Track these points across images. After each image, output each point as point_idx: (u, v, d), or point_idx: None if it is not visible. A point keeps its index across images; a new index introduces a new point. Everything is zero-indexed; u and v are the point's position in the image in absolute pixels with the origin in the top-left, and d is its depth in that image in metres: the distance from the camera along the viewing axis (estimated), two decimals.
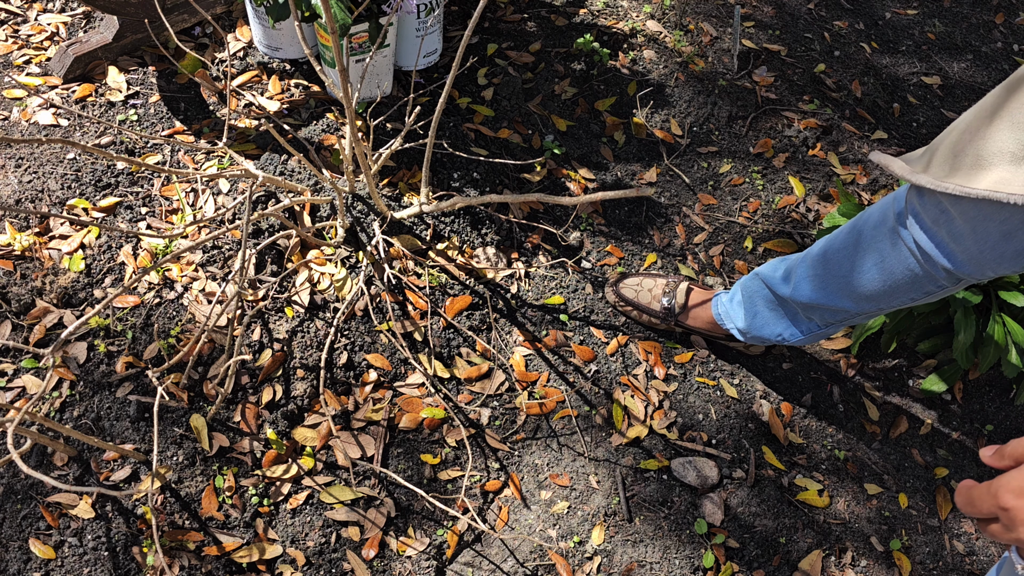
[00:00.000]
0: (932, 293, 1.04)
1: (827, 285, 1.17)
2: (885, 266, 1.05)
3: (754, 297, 1.35)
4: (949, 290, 1.03)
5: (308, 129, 1.64)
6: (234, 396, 1.33)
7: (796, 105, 1.95)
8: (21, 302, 1.35)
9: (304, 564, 1.24)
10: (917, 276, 1.02)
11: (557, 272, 1.59)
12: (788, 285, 1.25)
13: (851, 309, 1.16)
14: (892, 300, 1.09)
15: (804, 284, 1.21)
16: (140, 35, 1.68)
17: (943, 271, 0.98)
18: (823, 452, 1.49)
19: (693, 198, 1.76)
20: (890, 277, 1.06)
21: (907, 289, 1.05)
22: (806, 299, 1.21)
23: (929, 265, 0.99)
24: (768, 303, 1.32)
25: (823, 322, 1.25)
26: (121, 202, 1.50)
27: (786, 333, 1.31)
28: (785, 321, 1.31)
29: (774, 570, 1.35)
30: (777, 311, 1.31)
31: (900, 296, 1.07)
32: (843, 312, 1.18)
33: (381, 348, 1.43)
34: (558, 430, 1.42)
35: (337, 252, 1.48)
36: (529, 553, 1.30)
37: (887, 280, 1.06)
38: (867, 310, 1.15)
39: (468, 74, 1.80)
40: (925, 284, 1.03)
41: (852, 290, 1.12)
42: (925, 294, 1.05)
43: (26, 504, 1.21)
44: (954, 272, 0.97)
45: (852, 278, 1.11)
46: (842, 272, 1.13)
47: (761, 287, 1.33)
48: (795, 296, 1.24)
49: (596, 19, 1.99)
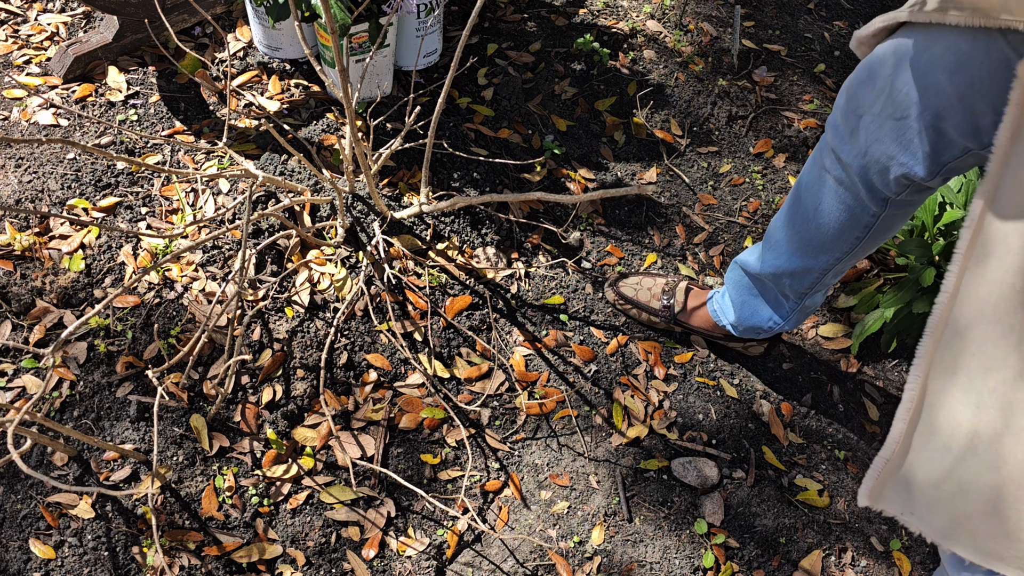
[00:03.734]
0: (871, 226, 1.07)
1: (787, 248, 1.21)
2: (823, 207, 1.09)
3: (738, 286, 1.38)
4: (884, 219, 1.05)
5: (308, 129, 1.64)
6: (234, 396, 1.33)
7: (796, 105, 1.95)
8: (21, 302, 1.35)
9: (304, 564, 1.24)
10: (850, 207, 1.06)
11: (557, 272, 1.59)
12: (759, 261, 1.29)
13: (813, 266, 1.19)
14: (842, 243, 1.12)
15: (769, 255, 1.26)
16: (140, 35, 1.68)
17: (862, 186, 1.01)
18: (823, 452, 1.49)
19: (693, 198, 1.76)
20: (830, 217, 1.09)
21: (849, 225, 1.08)
22: (774, 268, 1.25)
23: (849, 180, 1.03)
24: (749, 289, 1.36)
25: (796, 293, 1.27)
26: (121, 202, 1.50)
27: (775, 316, 1.34)
28: (769, 306, 1.34)
29: (774, 570, 1.35)
30: (759, 297, 1.35)
31: (846, 236, 1.10)
32: (808, 272, 1.21)
33: (381, 348, 1.43)
34: (558, 430, 1.42)
35: (337, 252, 1.48)
36: (529, 553, 1.30)
37: (828, 221, 1.10)
38: (828, 263, 1.17)
39: (468, 74, 1.80)
40: (860, 214, 1.06)
41: (807, 244, 1.16)
42: (865, 228, 1.08)
43: (26, 504, 1.21)
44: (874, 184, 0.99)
45: (803, 231, 1.16)
46: (794, 229, 1.17)
47: (741, 274, 1.37)
48: (765, 269, 1.27)
49: (596, 19, 1.99)
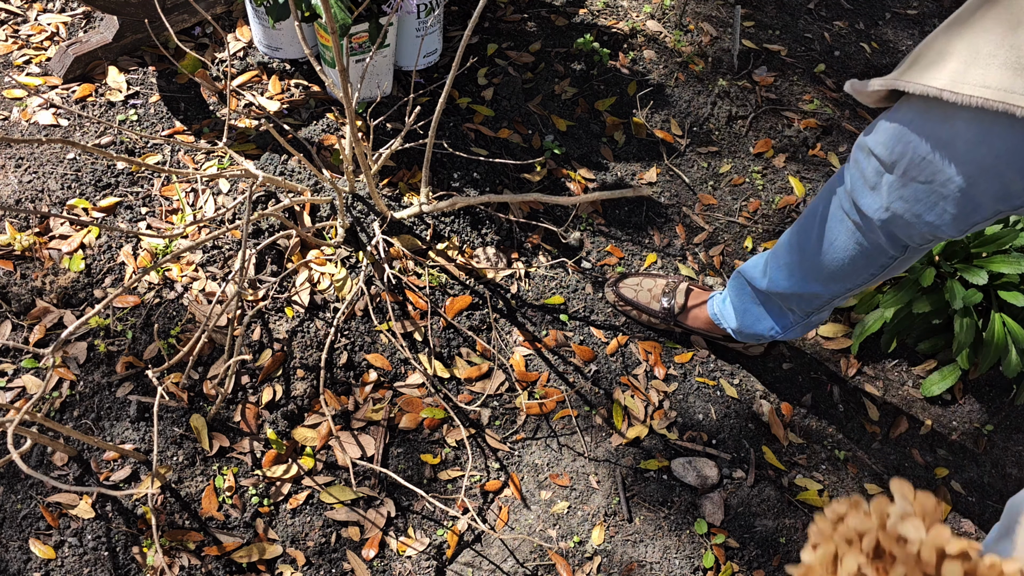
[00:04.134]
0: (887, 266, 1.06)
1: (794, 272, 1.20)
2: (838, 243, 1.08)
3: (741, 295, 1.37)
4: (903, 260, 1.04)
5: (308, 129, 1.64)
6: (234, 396, 1.33)
7: (796, 105, 1.95)
8: (21, 302, 1.35)
9: (304, 564, 1.24)
10: (866, 249, 1.04)
11: (557, 272, 1.59)
12: (765, 278, 1.28)
13: (822, 293, 1.18)
14: (855, 277, 1.11)
15: (777, 275, 1.24)
16: (140, 35, 1.68)
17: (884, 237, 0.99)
18: (823, 452, 1.49)
19: (693, 198, 1.76)
20: (844, 253, 1.08)
21: (864, 263, 1.07)
22: (781, 289, 1.24)
23: (872, 233, 1.01)
24: (753, 300, 1.35)
25: (803, 311, 1.26)
26: (121, 202, 1.50)
27: (776, 327, 1.34)
28: (771, 316, 1.33)
29: (774, 570, 1.35)
30: (762, 307, 1.34)
31: (860, 271, 1.09)
32: (817, 297, 1.20)
33: (381, 348, 1.42)
34: (558, 430, 1.42)
35: (337, 252, 1.48)
36: (529, 553, 1.30)
37: (843, 257, 1.08)
38: (837, 291, 1.16)
39: (468, 74, 1.80)
40: (877, 256, 1.04)
41: (817, 272, 1.15)
42: (881, 267, 1.06)
43: (26, 504, 1.21)
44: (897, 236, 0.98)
45: (815, 261, 1.14)
46: (804, 256, 1.16)
47: (744, 285, 1.36)
48: (772, 288, 1.26)
49: (596, 19, 1.99)
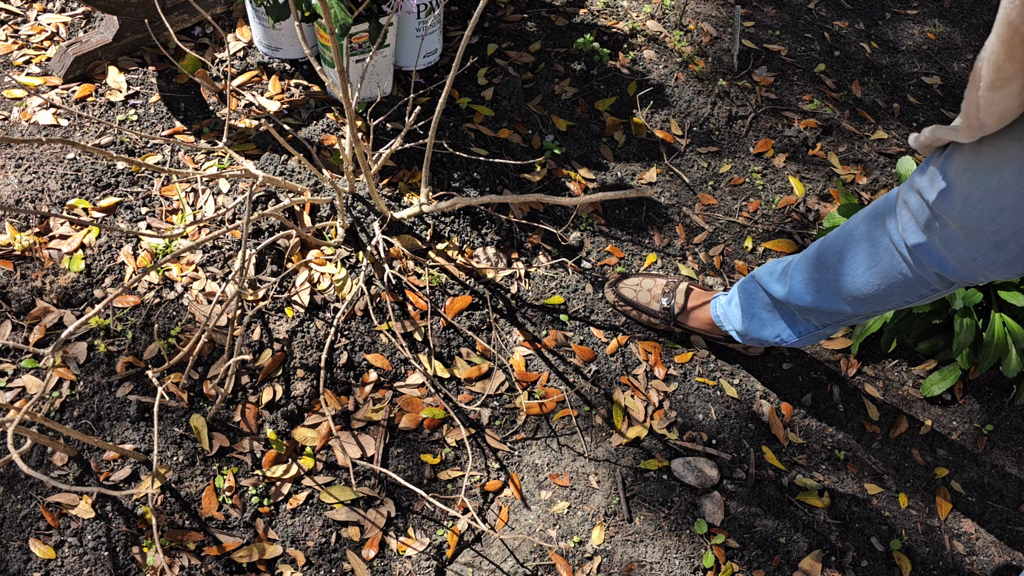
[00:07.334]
0: (926, 296, 1.04)
1: (822, 288, 1.16)
2: (878, 269, 1.05)
3: (751, 299, 1.35)
4: (942, 293, 1.02)
5: (308, 129, 1.64)
6: (234, 396, 1.33)
7: (796, 105, 1.95)
8: (21, 302, 1.35)
9: (304, 564, 1.24)
10: (909, 280, 1.02)
11: (557, 272, 1.59)
12: (784, 287, 1.25)
13: (847, 312, 1.16)
14: (887, 302, 1.09)
15: (800, 287, 1.21)
16: (140, 35, 1.68)
17: (935, 276, 0.97)
18: (823, 452, 1.48)
19: (693, 198, 1.76)
20: (883, 280, 1.05)
21: (901, 292, 1.05)
22: (802, 302, 1.21)
23: (920, 270, 0.98)
24: (765, 305, 1.32)
25: (820, 323, 1.24)
26: (121, 202, 1.50)
27: (784, 334, 1.31)
28: (782, 323, 1.30)
29: (774, 570, 1.35)
30: (774, 313, 1.31)
31: (894, 299, 1.07)
32: (839, 314, 1.18)
33: (381, 348, 1.42)
34: (558, 430, 1.42)
35: (337, 252, 1.48)
36: (529, 553, 1.30)
37: (880, 283, 1.06)
38: (863, 312, 1.14)
39: (468, 74, 1.80)
40: (918, 287, 1.02)
41: (847, 293, 1.12)
42: (919, 296, 1.04)
43: (26, 504, 1.21)
44: (946, 277, 0.96)
45: (846, 281, 1.11)
46: (836, 275, 1.13)
47: (758, 289, 1.33)
48: (791, 299, 1.23)
49: (596, 19, 1.99)
